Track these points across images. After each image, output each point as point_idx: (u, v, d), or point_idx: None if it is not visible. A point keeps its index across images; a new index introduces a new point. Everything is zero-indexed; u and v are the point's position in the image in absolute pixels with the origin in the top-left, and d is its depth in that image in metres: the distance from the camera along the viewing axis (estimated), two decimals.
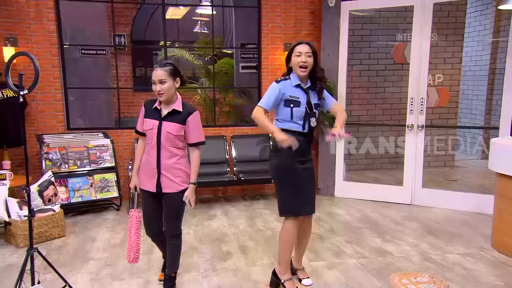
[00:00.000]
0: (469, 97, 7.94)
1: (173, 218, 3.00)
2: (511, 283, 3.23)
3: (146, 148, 2.93)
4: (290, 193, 3.02)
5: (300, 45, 2.92)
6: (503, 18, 7.09)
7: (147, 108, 2.92)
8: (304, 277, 3.30)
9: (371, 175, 6.63)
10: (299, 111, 2.94)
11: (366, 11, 6.30)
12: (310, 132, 3.04)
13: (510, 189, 3.68)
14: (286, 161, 2.97)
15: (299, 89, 2.98)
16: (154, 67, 2.86)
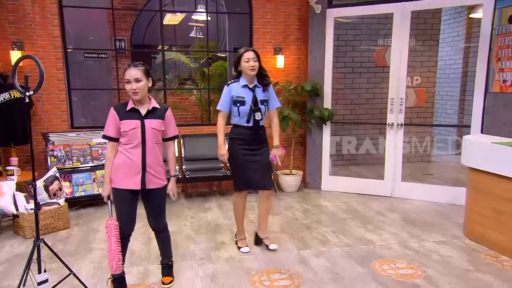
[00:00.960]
0: (444, 98, 7.98)
1: (161, 213, 2.95)
2: (481, 268, 3.27)
3: (125, 149, 2.72)
4: (237, 173, 3.53)
5: (247, 52, 3.35)
6: (473, 26, 7.16)
7: (120, 111, 2.72)
8: (270, 243, 3.67)
9: (355, 170, 6.66)
10: (245, 109, 3.38)
11: (350, 18, 6.32)
12: (255, 125, 3.42)
13: (481, 182, 3.72)
14: (233, 150, 3.47)
15: (246, 88, 3.40)
16: (128, 67, 2.72)
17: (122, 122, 2.71)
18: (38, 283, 2.70)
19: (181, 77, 8.86)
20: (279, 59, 5.71)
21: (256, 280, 3.08)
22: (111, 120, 2.73)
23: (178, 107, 8.54)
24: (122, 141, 2.74)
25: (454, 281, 3.05)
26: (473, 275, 3.15)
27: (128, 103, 2.76)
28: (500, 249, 3.54)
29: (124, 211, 2.79)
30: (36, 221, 2.81)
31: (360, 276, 3.14)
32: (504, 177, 3.44)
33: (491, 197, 3.61)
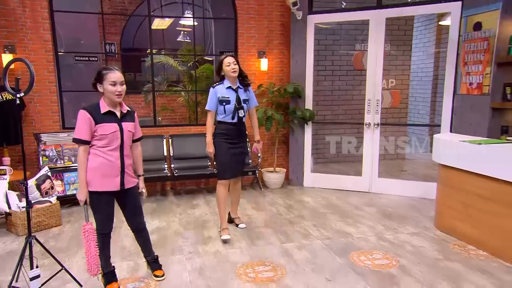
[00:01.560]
0: (417, 99, 8.06)
1: (141, 210, 2.92)
2: (450, 257, 3.35)
3: (103, 151, 2.62)
4: (222, 164, 3.74)
5: (227, 57, 3.61)
6: (443, 32, 7.28)
7: (95, 114, 2.58)
8: (239, 223, 4.09)
9: (335, 167, 6.72)
10: (230, 107, 3.63)
11: (329, 23, 6.37)
12: (239, 121, 3.69)
13: (450, 178, 3.79)
14: (219, 143, 3.69)
15: (230, 89, 3.64)
16: (110, 69, 2.63)
17: (100, 125, 2.59)
18: (30, 279, 2.66)
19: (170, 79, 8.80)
20: (263, 62, 5.72)
21: (242, 272, 3.09)
22: (86, 123, 2.57)
23: (166, 108, 8.47)
24: (99, 144, 2.62)
25: (426, 269, 3.12)
26: (443, 263, 3.23)
27: (101, 106, 2.63)
28: (467, 239, 3.62)
29: (106, 211, 2.72)
30: (28, 218, 2.77)
31: (340, 267, 3.18)
32: (471, 172, 3.51)
33: (459, 192, 3.68)
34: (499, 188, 3.25)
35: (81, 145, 2.60)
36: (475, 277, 2.99)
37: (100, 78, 2.63)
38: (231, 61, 3.57)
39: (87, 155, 2.62)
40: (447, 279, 2.95)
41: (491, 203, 3.35)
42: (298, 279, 2.97)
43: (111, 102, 2.65)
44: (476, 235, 3.52)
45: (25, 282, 2.71)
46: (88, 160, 2.62)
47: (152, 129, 5.57)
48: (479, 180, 3.45)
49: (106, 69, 2.65)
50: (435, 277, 2.99)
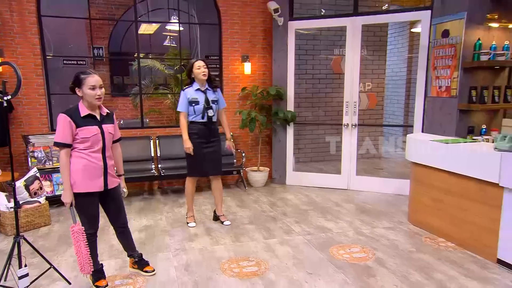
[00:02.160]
0: (392, 101, 8.16)
1: (123, 210, 2.89)
2: (421, 249, 3.43)
3: (85, 153, 2.58)
4: (192, 162, 3.85)
5: (198, 61, 3.72)
6: (415, 39, 7.42)
7: (75, 118, 2.53)
8: (224, 220, 4.10)
9: (316, 166, 6.77)
10: (199, 107, 3.74)
11: (309, 29, 6.42)
12: (209, 120, 3.79)
13: (422, 175, 3.86)
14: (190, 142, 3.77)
15: (198, 91, 3.76)
16: (88, 73, 2.56)
17: (81, 129, 2.55)
18: (19, 277, 2.61)
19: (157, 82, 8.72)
20: (246, 66, 5.73)
21: (227, 267, 3.10)
22: (67, 127, 2.51)
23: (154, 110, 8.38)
24: (81, 146, 2.57)
25: (399, 261, 3.18)
26: (415, 255, 3.30)
27: (81, 109, 2.58)
28: (437, 232, 3.71)
29: (92, 212, 2.69)
30: (16, 219, 2.72)
31: (320, 261, 3.22)
32: (440, 169, 3.60)
33: (430, 188, 3.77)
34: (465, 184, 3.35)
35: (63, 149, 2.54)
36: (444, 267, 3.07)
37: (78, 83, 2.56)
38: (201, 65, 3.70)
39: (69, 158, 2.57)
40: (419, 270, 3.03)
41: (458, 198, 3.44)
42: (280, 273, 3.00)
43: (90, 106, 2.60)
44: (445, 228, 3.61)
45: (14, 281, 2.66)
46: (71, 162, 2.57)
47: (139, 130, 5.52)
48: (447, 177, 3.54)
49: (84, 73, 2.58)
50: (408, 268, 3.06)
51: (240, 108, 5.73)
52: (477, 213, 3.27)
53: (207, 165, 3.88)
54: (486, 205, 3.17)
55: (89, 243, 2.64)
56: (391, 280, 2.87)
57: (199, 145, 3.80)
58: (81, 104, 2.60)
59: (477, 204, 3.26)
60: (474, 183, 3.27)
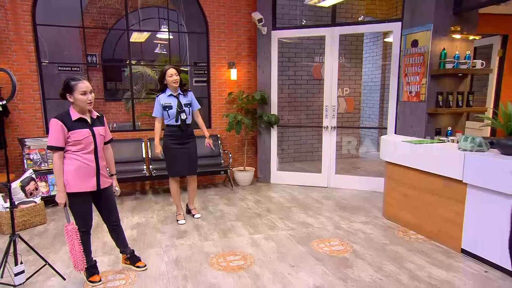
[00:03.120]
0: (368, 105, 8.25)
1: (115, 207, 2.86)
2: (394, 241, 3.50)
3: (78, 155, 2.57)
4: (169, 163, 3.91)
5: (170, 69, 3.75)
6: (387, 48, 7.55)
7: (66, 122, 2.51)
8: (195, 213, 4.22)
9: (298, 165, 6.82)
10: (172, 112, 3.79)
11: (291, 38, 6.48)
12: (182, 123, 3.82)
13: (394, 173, 3.94)
14: (167, 145, 3.85)
15: (171, 96, 3.81)
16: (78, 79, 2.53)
17: (73, 132, 2.53)
18: (15, 274, 2.57)
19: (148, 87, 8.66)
20: (232, 72, 5.74)
21: (214, 262, 3.11)
22: (59, 131, 2.49)
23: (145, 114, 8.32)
24: (74, 149, 2.56)
25: (375, 253, 3.25)
26: (389, 247, 3.37)
27: (72, 114, 2.56)
28: (409, 225, 3.79)
29: (85, 211, 2.67)
30: (12, 218, 2.67)
31: (302, 254, 3.25)
32: (411, 168, 3.68)
33: (402, 185, 3.85)
34: (433, 181, 3.44)
35: (56, 152, 2.52)
36: (414, 258, 3.15)
37: (69, 89, 2.53)
38: (173, 73, 3.74)
39: (62, 161, 2.55)
40: (392, 261, 3.09)
41: (427, 194, 3.53)
42: (265, 266, 3.02)
43: (81, 110, 2.58)
44: (415, 221, 3.70)
45: (10, 277, 2.61)
46: (64, 164, 2.55)
47: (132, 133, 5.47)
48: (417, 175, 3.62)
49: (74, 79, 2.55)
50: (383, 259, 3.12)
51: (227, 111, 5.74)
52: (443, 207, 3.36)
53: (183, 165, 3.93)
54: (451, 200, 3.27)
55: (83, 241, 2.62)
56: (367, 271, 2.93)
57: (175, 146, 3.85)
58: (72, 109, 2.58)
59: (443, 199, 3.36)
60: (440, 180, 3.36)
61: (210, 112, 5.82)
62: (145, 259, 3.11)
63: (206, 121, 5.74)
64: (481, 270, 2.92)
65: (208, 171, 5.41)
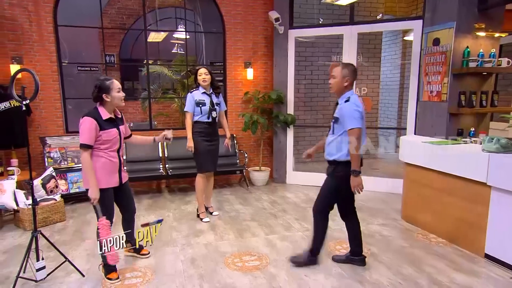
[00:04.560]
0: (386, 105, 8.15)
1: (132, 199, 3.05)
2: (413, 244, 3.43)
3: (105, 152, 2.67)
4: (201, 159, 3.96)
5: (201, 69, 3.90)
6: (407, 46, 7.41)
7: (99, 121, 2.61)
8: (213, 211, 4.31)
9: (315, 166, 6.75)
10: (205, 108, 3.88)
11: (308, 37, 6.44)
12: (213, 121, 3.93)
13: (414, 174, 3.87)
14: (196, 141, 3.91)
15: (204, 94, 3.91)
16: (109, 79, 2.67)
17: (104, 131, 2.62)
18: (37, 269, 2.64)
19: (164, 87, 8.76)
20: (248, 71, 5.76)
21: (230, 262, 3.12)
22: (93, 129, 2.57)
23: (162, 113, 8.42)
24: (101, 147, 2.65)
25: (393, 256, 3.19)
26: (408, 250, 3.31)
27: (102, 113, 2.64)
28: (429, 228, 3.71)
29: (111, 205, 2.79)
30: (34, 215, 2.75)
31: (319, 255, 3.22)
32: (431, 169, 3.60)
33: (422, 187, 3.77)
34: (455, 183, 3.36)
35: (87, 150, 2.60)
36: (435, 261, 3.08)
37: (106, 89, 2.64)
38: (202, 72, 3.87)
39: (91, 158, 2.63)
40: (411, 264, 3.03)
41: (448, 196, 3.45)
42: (280, 267, 3.01)
43: (110, 109, 2.69)
44: (436, 224, 3.62)
45: (32, 272, 2.69)
46: (92, 161, 2.65)
47: (148, 132, 5.55)
48: (438, 177, 3.54)
49: (107, 79, 2.66)
50: (401, 262, 3.06)
51: (243, 111, 5.75)
52: (466, 210, 3.27)
53: (212, 162, 4.03)
54: (474, 203, 3.18)
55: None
56: (385, 274, 2.88)
57: (205, 142, 3.93)
58: (101, 108, 2.67)
59: (466, 202, 3.27)
60: (463, 182, 3.27)
61: (226, 112, 5.83)
62: (161, 257, 3.15)
63: None
64: (506, 276, 2.83)
65: (224, 170, 5.42)
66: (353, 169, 2.65)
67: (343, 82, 2.75)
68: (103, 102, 2.67)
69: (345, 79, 2.74)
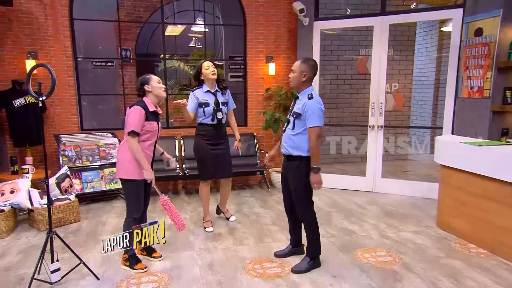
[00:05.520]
0: (419, 102, 8.01)
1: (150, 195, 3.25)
2: (450, 254, 3.32)
3: (144, 145, 2.93)
4: (202, 165, 3.80)
5: (206, 62, 3.70)
6: (444, 38, 7.22)
7: (146, 112, 2.89)
8: (229, 216, 4.19)
9: (339, 167, 6.69)
10: (209, 109, 3.69)
11: (334, 29, 6.35)
12: (218, 123, 3.74)
13: (451, 178, 3.76)
14: (199, 144, 3.76)
15: (208, 93, 3.71)
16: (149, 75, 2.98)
17: (148, 122, 2.88)
18: (51, 271, 2.70)
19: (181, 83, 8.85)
20: (270, 67, 5.73)
21: (250, 268, 3.10)
22: (141, 118, 2.83)
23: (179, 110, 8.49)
24: (141, 138, 2.90)
25: (427, 266, 3.10)
26: (444, 261, 3.20)
27: (148, 105, 2.91)
28: (468, 237, 3.59)
29: (141, 197, 3.02)
30: (49, 215, 2.82)
31: (344, 263, 3.17)
32: (472, 173, 3.49)
33: (460, 191, 3.65)
34: (499, 188, 3.22)
35: (135, 137, 2.85)
36: (475, 274, 2.96)
37: (146, 81, 2.93)
38: (210, 65, 3.68)
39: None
40: (448, 276, 2.93)
41: (490, 202, 3.32)
42: (304, 275, 2.97)
43: (154, 101, 2.96)
44: (476, 233, 3.49)
45: (47, 274, 2.76)
46: (130, 153, 2.87)
47: (164, 130, 5.60)
48: (479, 180, 3.41)
49: (147, 75, 2.98)
50: (437, 274, 2.97)
51: (264, 108, 5.73)
52: (509, 218, 3.13)
53: (216, 167, 3.81)
54: None
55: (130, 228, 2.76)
56: (419, 286, 2.79)
57: (208, 147, 3.76)
58: (148, 100, 2.94)
59: (509, 209, 3.13)
60: (508, 187, 3.14)
61: (246, 109, 5.84)
62: (178, 262, 3.17)
63: (241, 118, 5.77)
64: None
65: (243, 171, 5.43)
66: (314, 165, 2.82)
67: (301, 77, 2.88)
68: (146, 94, 2.94)
69: (303, 74, 2.87)
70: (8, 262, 3.23)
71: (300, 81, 2.89)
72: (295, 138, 2.92)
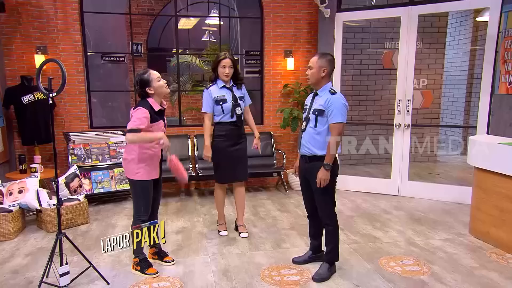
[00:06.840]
0: (450, 99, 7.88)
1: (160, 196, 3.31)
2: (485, 265, 3.23)
3: (150, 145, 2.93)
4: (220, 167, 3.73)
5: (224, 60, 3.57)
6: (480, 29, 7.05)
7: (151, 113, 2.87)
8: (242, 231, 3.91)
9: (362, 169, 6.62)
10: (227, 106, 3.60)
11: (358, 21, 6.28)
12: (238, 119, 3.67)
13: (487, 182, 3.67)
14: (217, 146, 3.66)
15: (224, 88, 3.64)
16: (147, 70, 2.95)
17: (154, 124, 2.90)
18: (60, 275, 2.75)
19: (194, 79, 8.90)
20: (289, 61, 5.71)
21: (267, 275, 3.09)
22: (144, 122, 2.81)
23: (192, 108, 8.58)
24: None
25: (460, 277, 3.02)
26: (479, 272, 3.12)
27: (154, 105, 2.92)
28: (505, 247, 3.49)
29: (150, 197, 3.05)
30: (58, 216, 2.86)
31: (368, 272, 3.13)
32: (509, 176, 3.39)
33: (496, 196, 3.56)
34: None
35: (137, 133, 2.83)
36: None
37: (146, 82, 2.90)
38: (227, 64, 3.57)
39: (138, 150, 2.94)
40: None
41: None
42: (324, 284, 2.94)
43: (158, 100, 2.96)
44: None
45: (55, 278, 2.81)
46: (138, 153, 2.92)
47: (177, 128, 5.66)
48: None
49: (144, 72, 2.93)
50: (471, 286, 2.89)
51: (282, 106, 5.70)
52: None
53: (235, 170, 3.74)
54: None
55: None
56: None
57: (227, 148, 3.66)
58: (151, 100, 2.93)
59: None
60: None
61: (262, 107, 5.83)
62: (190, 267, 3.18)
63: (257, 116, 5.77)
64: None
65: (259, 172, 5.42)
66: (327, 162, 2.86)
67: (321, 73, 2.89)
68: (148, 95, 2.92)
69: (322, 69, 2.88)
70: (17, 265, 3.30)
71: (319, 77, 2.90)
72: (319, 137, 2.92)
